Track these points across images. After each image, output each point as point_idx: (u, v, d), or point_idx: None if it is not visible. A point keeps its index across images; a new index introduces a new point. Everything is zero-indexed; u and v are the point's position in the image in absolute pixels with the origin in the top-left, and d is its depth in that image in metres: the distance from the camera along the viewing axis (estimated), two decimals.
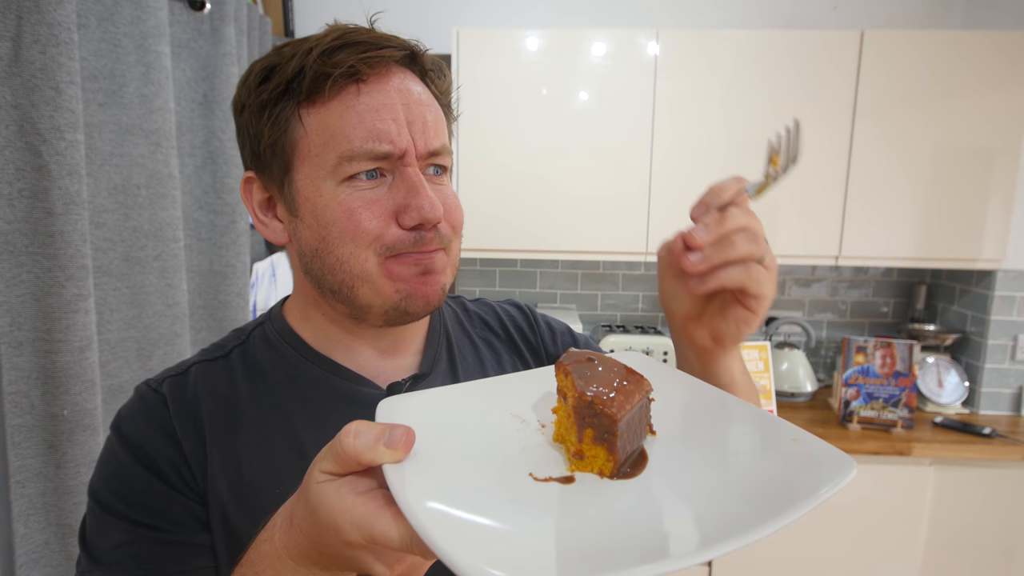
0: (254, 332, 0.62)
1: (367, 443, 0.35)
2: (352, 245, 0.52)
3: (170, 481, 0.53)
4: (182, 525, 0.53)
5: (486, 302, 0.75)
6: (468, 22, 2.15)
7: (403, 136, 0.52)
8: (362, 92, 0.51)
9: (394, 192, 0.52)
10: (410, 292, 0.54)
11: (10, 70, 1.03)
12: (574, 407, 0.41)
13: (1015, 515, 1.81)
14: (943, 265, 1.95)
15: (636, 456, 0.41)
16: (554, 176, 1.95)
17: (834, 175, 1.91)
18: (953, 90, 1.84)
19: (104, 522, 0.53)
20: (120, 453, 0.54)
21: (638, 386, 0.42)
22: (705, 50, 1.88)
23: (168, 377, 0.58)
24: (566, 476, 0.39)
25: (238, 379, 0.58)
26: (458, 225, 0.57)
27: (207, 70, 1.49)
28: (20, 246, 1.06)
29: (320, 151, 0.52)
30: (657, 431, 0.44)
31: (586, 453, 0.40)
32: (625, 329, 2.29)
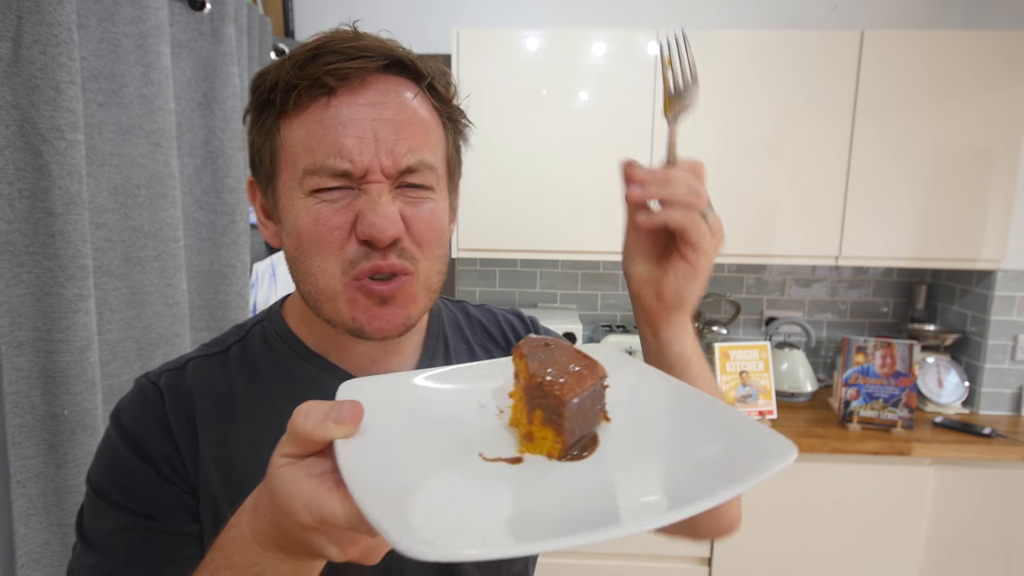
0: (253, 329, 0.63)
1: (316, 420, 0.36)
2: (319, 257, 0.52)
3: (163, 472, 0.55)
4: (173, 515, 0.55)
5: (488, 309, 0.75)
6: (468, 22, 2.15)
7: (365, 155, 0.50)
8: (331, 105, 0.50)
9: (356, 203, 0.51)
10: (365, 323, 0.54)
11: (10, 70, 1.03)
12: (524, 388, 0.42)
13: (1015, 515, 1.81)
14: (943, 265, 1.95)
15: (588, 440, 0.41)
16: (554, 176, 1.95)
17: (834, 175, 1.91)
18: (953, 90, 1.84)
19: (100, 509, 0.55)
20: (117, 443, 0.56)
21: (591, 371, 0.42)
22: (705, 50, 1.88)
23: (166, 371, 0.59)
24: (515, 457, 0.40)
25: (234, 375, 0.59)
26: (427, 244, 0.54)
27: (207, 70, 1.49)
28: (20, 246, 1.06)
29: (292, 162, 0.52)
30: (612, 418, 0.44)
31: (536, 435, 0.41)
32: (625, 329, 2.29)
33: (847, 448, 1.78)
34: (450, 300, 0.74)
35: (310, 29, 2.12)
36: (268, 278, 1.79)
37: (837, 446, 1.79)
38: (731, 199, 1.93)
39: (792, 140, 1.90)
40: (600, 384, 0.43)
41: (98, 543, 0.54)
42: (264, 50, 1.81)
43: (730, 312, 2.36)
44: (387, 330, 0.54)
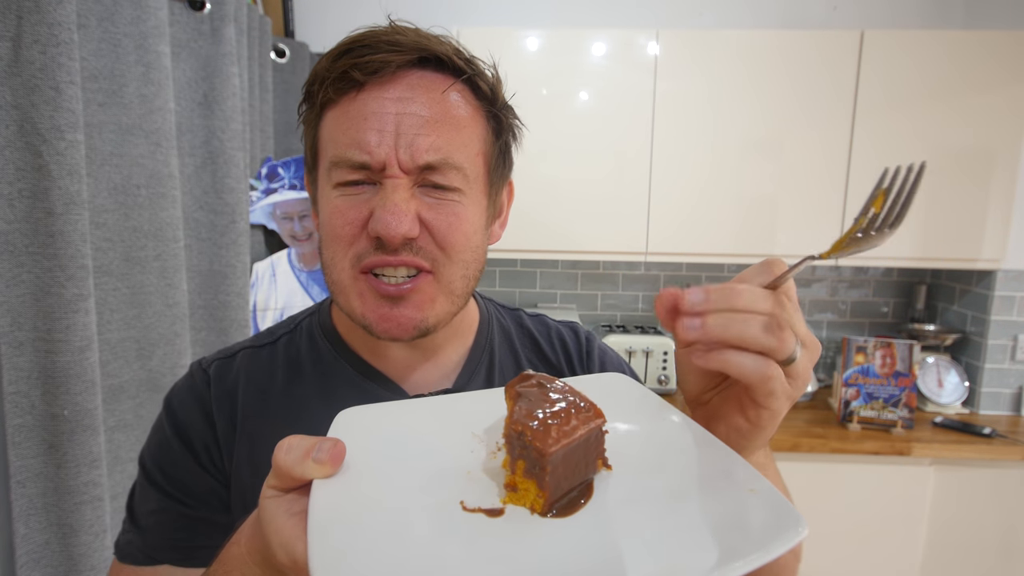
0: (303, 322, 0.64)
1: (296, 458, 0.35)
2: (332, 249, 0.53)
3: (201, 460, 0.56)
4: (206, 503, 0.56)
5: (544, 321, 0.70)
6: (468, 22, 2.15)
7: (383, 147, 0.49)
8: (358, 99, 0.50)
9: (373, 199, 0.51)
10: (373, 322, 0.53)
11: (10, 70, 1.03)
12: (506, 436, 0.39)
13: (1015, 515, 1.81)
14: (943, 265, 1.94)
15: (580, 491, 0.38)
16: (554, 176, 1.95)
17: (834, 175, 1.91)
18: (953, 90, 1.84)
19: (145, 489, 0.57)
20: (165, 426, 0.58)
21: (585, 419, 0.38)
22: (705, 50, 1.88)
23: (217, 359, 0.60)
24: (496, 509, 0.37)
25: (278, 369, 0.60)
26: (451, 246, 0.52)
27: (207, 70, 1.49)
28: (20, 246, 1.06)
29: (324, 154, 0.53)
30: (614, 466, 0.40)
31: (519, 485, 0.38)
32: (625, 329, 2.29)
33: (847, 448, 1.78)
34: (507, 307, 0.71)
35: (310, 29, 2.12)
36: (268, 278, 1.79)
37: (837, 446, 1.79)
38: (731, 199, 1.93)
39: (792, 140, 1.90)
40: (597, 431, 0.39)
41: (140, 521, 0.57)
42: (264, 50, 1.81)
43: None
44: (395, 332, 0.52)
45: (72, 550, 1.12)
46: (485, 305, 0.68)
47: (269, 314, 1.78)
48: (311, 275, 1.86)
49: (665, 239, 1.97)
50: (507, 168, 0.60)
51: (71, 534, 1.12)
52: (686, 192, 1.93)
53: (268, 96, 1.84)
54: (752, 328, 0.37)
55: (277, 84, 1.95)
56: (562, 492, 0.37)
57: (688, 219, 1.95)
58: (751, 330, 0.37)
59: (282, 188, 1.82)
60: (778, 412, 0.40)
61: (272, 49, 1.90)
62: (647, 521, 0.35)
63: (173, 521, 0.56)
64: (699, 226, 1.96)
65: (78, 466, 1.12)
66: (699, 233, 1.96)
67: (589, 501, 0.37)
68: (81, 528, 1.13)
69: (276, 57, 1.93)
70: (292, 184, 1.83)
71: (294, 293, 1.82)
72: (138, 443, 1.33)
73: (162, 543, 0.56)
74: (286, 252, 1.83)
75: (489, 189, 0.57)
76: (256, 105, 1.76)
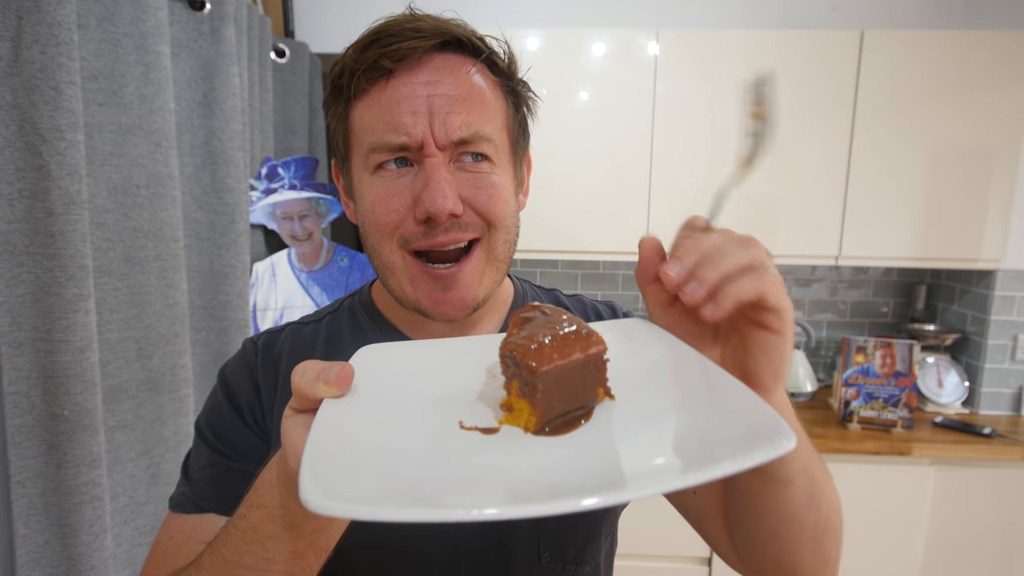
0: (345, 302, 0.69)
1: (309, 379, 0.38)
2: (378, 235, 0.56)
3: (246, 419, 0.61)
4: (249, 458, 0.60)
5: (580, 299, 0.74)
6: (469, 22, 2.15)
7: (419, 127, 0.52)
8: (388, 86, 0.53)
9: (414, 184, 0.54)
10: (428, 306, 0.56)
11: (10, 70, 1.03)
12: (501, 355, 0.39)
13: (1015, 515, 1.81)
14: (943, 265, 1.94)
15: (575, 418, 0.38)
16: (554, 176, 1.95)
17: (834, 175, 1.91)
18: (953, 90, 1.84)
19: (199, 447, 0.63)
20: (218, 391, 0.64)
21: (583, 342, 0.38)
22: (705, 50, 1.88)
23: (267, 333, 0.66)
24: (490, 427, 0.38)
25: (319, 342, 0.65)
26: (494, 216, 0.56)
27: (207, 70, 1.49)
28: (20, 246, 1.06)
29: (359, 143, 0.56)
30: (618, 395, 0.40)
31: (514, 405, 0.38)
32: None
33: (847, 448, 1.78)
34: (542, 287, 0.74)
35: (310, 29, 2.12)
36: (268, 278, 1.79)
37: (837, 446, 1.79)
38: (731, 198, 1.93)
39: (792, 140, 1.90)
40: (596, 358, 0.39)
41: (192, 475, 0.62)
42: (264, 50, 1.81)
43: None
44: (451, 313, 0.56)
45: (72, 550, 1.12)
46: (519, 283, 0.72)
47: (269, 314, 1.78)
48: (311, 275, 1.86)
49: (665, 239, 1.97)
50: (526, 139, 0.64)
51: (71, 534, 1.12)
52: (686, 192, 1.93)
53: (268, 96, 1.84)
54: (731, 254, 0.39)
55: (277, 84, 1.95)
56: (556, 413, 0.37)
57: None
58: (731, 256, 0.39)
59: (282, 188, 1.82)
60: (789, 310, 0.41)
61: (272, 49, 1.90)
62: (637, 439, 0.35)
63: (221, 474, 0.60)
64: None
65: (78, 466, 1.12)
66: None
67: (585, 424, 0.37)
68: (81, 528, 1.13)
69: (276, 57, 1.93)
70: (292, 184, 1.83)
71: (294, 293, 1.82)
72: (138, 443, 1.33)
73: (210, 493, 0.60)
74: (286, 252, 1.83)
75: (514, 159, 0.61)
76: (256, 105, 1.76)
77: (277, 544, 0.42)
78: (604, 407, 0.39)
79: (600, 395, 0.40)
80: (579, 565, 0.62)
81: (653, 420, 0.37)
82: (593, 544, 0.63)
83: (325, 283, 1.87)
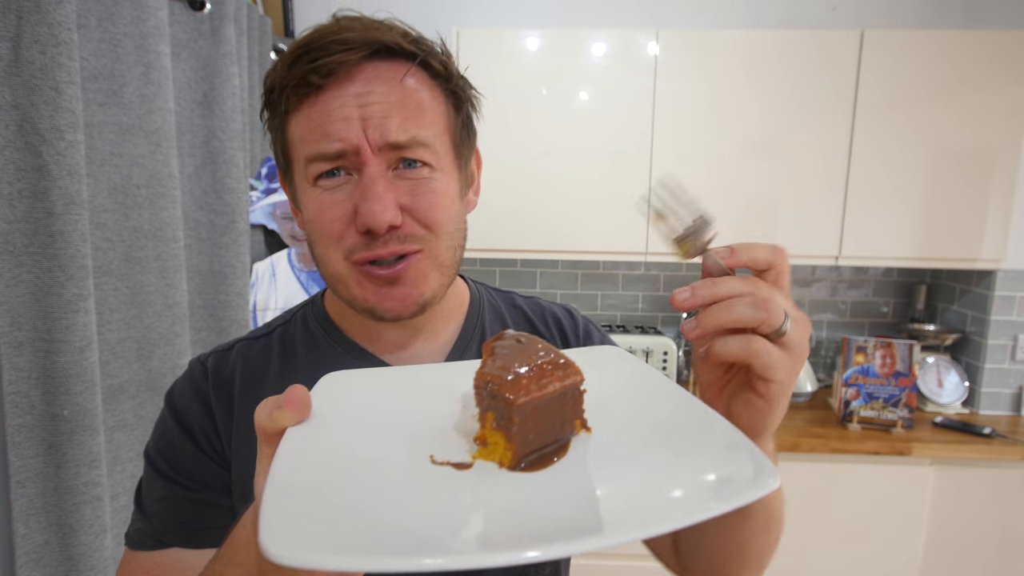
0: (297, 314, 0.67)
1: (266, 412, 0.37)
2: (323, 245, 0.55)
3: (201, 445, 0.59)
4: (209, 487, 0.58)
5: (537, 301, 0.73)
6: (468, 22, 2.15)
7: (353, 132, 0.51)
8: (319, 99, 0.52)
9: (353, 194, 0.53)
10: (375, 304, 0.55)
11: (10, 70, 1.03)
12: (475, 386, 0.38)
13: (1015, 515, 1.81)
14: (943, 265, 1.95)
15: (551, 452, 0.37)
16: (554, 176, 1.95)
17: (834, 175, 1.91)
18: (953, 90, 1.84)
19: (151, 478, 0.60)
20: (167, 417, 0.61)
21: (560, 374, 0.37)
22: (705, 50, 1.88)
23: (215, 352, 0.64)
24: (463, 462, 0.36)
25: (273, 357, 0.63)
26: (435, 223, 0.55)
27: (207, 70, 1.49)
28: (20, 246, 1.06)
29: (297, 155, 0.55)
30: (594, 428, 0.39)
31: (488, 439, 0.37)
32: (625, 329, 2.29)
33: (847, 448, 1.78)
34: (497, 290, 0.73)
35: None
36: (268, 278, 1.79)
37: (837, 446, 1.79)
38: (731, 199, 1.93)
39: (792, 140, 1.90)
40: (573, 388, 0.38)
41: (148, 508, 0.59)
42: (264, 50, 1.81)
43: None
44: (399, 310, 0.55)
45: (72, 550, 1.12)
46: (476, 287, 0.71)
47: (269, 314, 1.78)
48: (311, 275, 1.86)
49: None
50: (472, 138, 0.62)
51: (71, 534, 1.12)
52: None
53: None
54: (737, 308, 0.39)
55: None
56: (533, 448, 0.36)
57: None
58: (737, 310, 0.39)
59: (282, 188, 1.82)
60: (784, 383, 0.42)
61: (272, 49, 1.90)
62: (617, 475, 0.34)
63: (178, 506, 0.58)
64: None
65: (78, 466, 1.12)
66: None
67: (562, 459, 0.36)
68: (81, 528, 1.13)
69: (276, 57, 1.93)
70: None
71: (294, 293, 1.82)
72: (138, 443, 1.33)
73: (169, 527, 0.58)
74: (286, 252, 1.83)
75: (459, 161, 0.59)
76: (256, 105, 1.75)
77: None
78: (580, 440, 0.38)
79: (577, 427, 0.39)
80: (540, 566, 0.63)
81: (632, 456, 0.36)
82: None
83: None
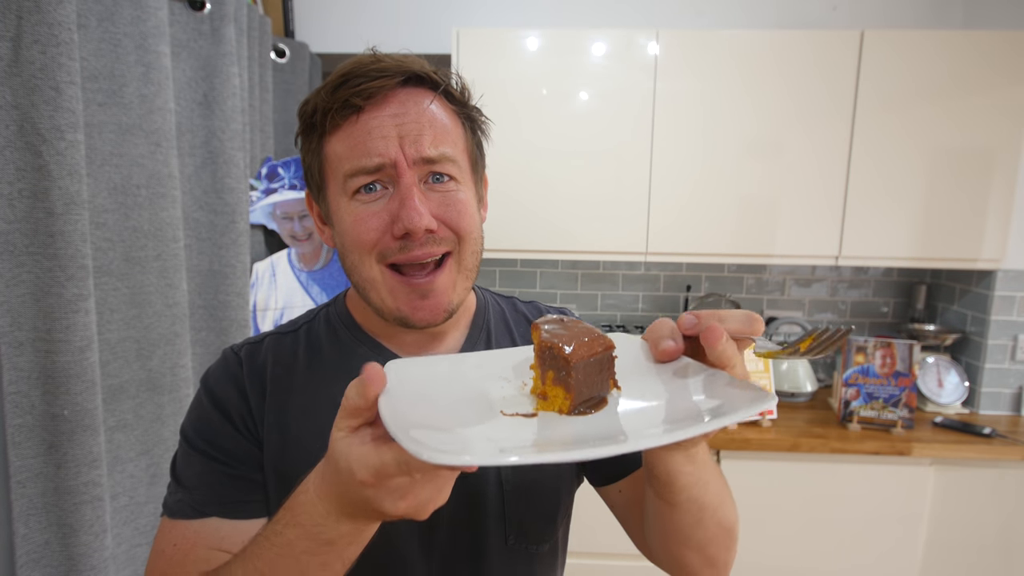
0: (320, 313, 0.74)
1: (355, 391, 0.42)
2: (358, 253, 0.62)
3: (237, 427, 0.65)
4: (244, 463, 0.65)
5: (536, 305, 0.81)
6: (468, 22, 2.15)
7: (391, 148, 0.59)
8: (360, 120, 0.60)
9: (390, 204, 0.60)
10: (407, 314, 0.62)
11: (10, 70, 1.03)
12: (537, 353, 0.48)
13: (1015, 515, 1.81)
14: (943, 265, 1.95)
15: (596, 401, 0.47)
16: (554, 176, 1.95)
17: (834, 175, 1.91)
18: (953, 90, 1.84)
19: (189, 455, 0.66)
20: (204, 401, 0.67)
21: (599, 342, 0.48)
22: (705, 50, 1.88)
23: (247, 344, 0.71)
24: (530, 413, 0.46)
25: (300, 351, 0.70)
26: (463, 230, 0.62)
27: (207, 70, 1.49)
28: (20, 246, 1.06)
29: (335, 172, 0.62)
30: (623, 387, 0.49)
31: (548, 393, 0.47)
32: (625, 329, 2.29)
33: (847, 448, 1.78)
34: (500, 295, 0.81)
35: (310, 29, 2.12)
36: (268, 278, 1.79)
37: (837, 446, 1.79)
38: (731, 199, 1.93)
39: (792, 140, 1.90)
40: (608, 354, 0.48)
41: (187, 482, 0.65)
42: (264, 50, 1.81)
43: None
44: (430, 319, 0.63)
45: (72, 550, 1.13)
46: (481, 293, 0.79)
47: (269, 314, 1.78)
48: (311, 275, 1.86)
49: (665, 239, 1.97)
50: (483, 160, 0.71)
51: (71, 534, 1.12)
52: (686, 192, 1.93)
53: (268, 96, 1.84)
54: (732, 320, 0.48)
55: (277, 84, 1.95)
56: (583, 398, 0.46)
57: (688, 219, 1.95)
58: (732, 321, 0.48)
59: (282, 188, 1.82)
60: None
61: (272, 49, 1.90)
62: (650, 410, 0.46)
63: (218, 480, 0.64)
64: (699, 226, 1.96)
65: (78, 466, 1.12)
66: (699, 233, 1.96)
67: (605, 406, 0.47)
68: (81, 528, 1.13)
69: (276, 57, 1.93)
70: (292, 184, 1.83)
71: (294, 293, 1.82)
72: (138, 443, 1.33)
73: (209, 498, 0.64)
74: (286, 252, 1.83)
75: (474, 177, 0.68)
76: (256, 105, 1.76)
77: (311, 558, 0.47)
78: (614, 395, 0.49)
79: (611, 385, 0.49)
80: (540, 544, 0.71)
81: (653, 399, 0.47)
82: (551, 525, 0.72)
83: (325, 283, 1.87)
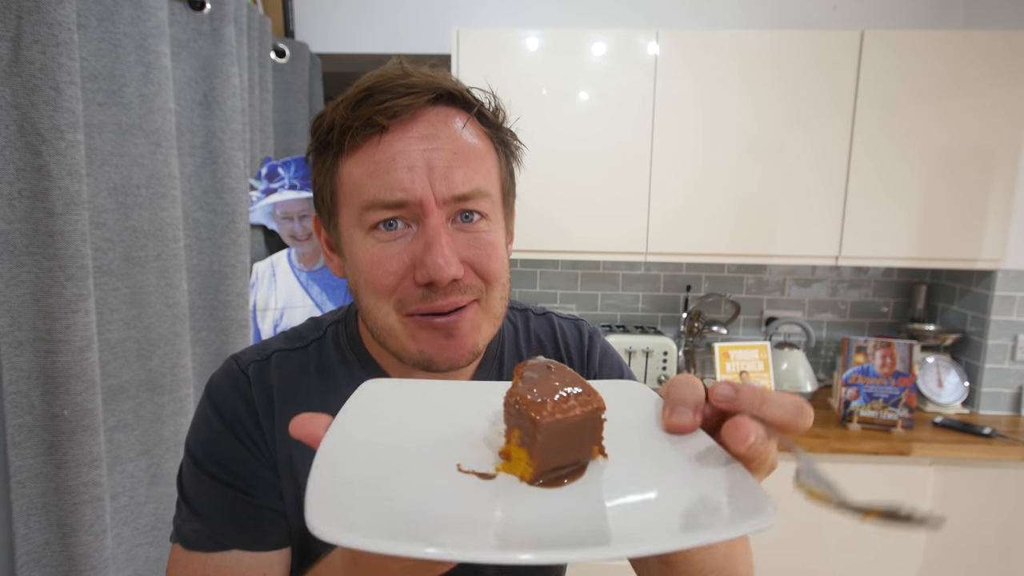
0: (329, 329, 0.66)
1: None
2: (373, 297, 0.54)
3: (254, 452, 0.59)
4: (264, 492, 0.59)
5: (549, 318, 0.73)
6: (468, 22, 2.15)
7: (417, 184, 0.51)
8: (383, 142, 0.51)
9: (413, 246, 0.52)
10: (432, 355, 0.55)
11: (10, 70, 1.03)
12: (504, 405, 0.41)
13: (1015, 515, 1.81)
14: (943, 265, 1.94)
15: (571, 470, 0.40)
16: (554, 176, 1.95)
17: (834, 175, 1.91)
18: (953, 90, 1.84)
19: (199, 478, 0.59)
20: (214, 421, 0.60)
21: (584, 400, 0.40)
22: (705, 50, 1.88)
23: (254, 361, 0.63)
24: (487, 473, 0.39)
25: (311, 372, 0.63)
26: (492, 276, 0.55)
27: (207, 70, 1.49)
28: (20, 246, 1.06)
29: (350, 199, 0.54)
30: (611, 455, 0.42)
31: (512, 454, 0.40)
32: (625, 329, 2.29)
33: (847, 448, 1.78)
34: (516, 307, 0.72)
35: (310, 29, 2.12)
36: (268, 278, 1.79)
37: (837, 446, 1.78)
38: (731, 199, 1.93)
39: (792, 140, 1.90)
40: (595, 416, 0.40)
41: (201, 509, 0.58)
42: (264, 50, 1.81)
43: (730, 312, 2.36)
44: (455, 360, 0.55)
45: (72, 550, 1.13)
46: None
47: (269, 314, 1.78)
48: (311, 275, 1.86)
49: (665, 239, 1.97)
50: (514, 190, 0.63)
51: (71, 534, 1.12)
52: (686, 192, 1.93)
53: (268, 96, 1.84)
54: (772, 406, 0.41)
55: (277, 84, 1.95)
56: (552, 466, 0.39)
57: (688, 219, 1.95)
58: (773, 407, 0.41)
59: (282, 188, 1.82)
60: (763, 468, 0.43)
61: (272, 49, 1.90)
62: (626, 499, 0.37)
63: (236, 508, 0.58)
64: (699, 226, 1.96)
65: (78, 466, 1.12)
66: (699, 233, 1.96)
67: (578, 480, 0.39)
68: (81, 528, 1.13)
69: (276, 57, 1.93)
70: (292, 184, 1.83)
71: (294, 293, 1.82)
72: (138, 443, 1.33)
73: (229, 528, 0.58)
74: (286, 252, 1.83)
75: (505, 210, 0.60)
76: (256, 105, 1.76)
77: None
78: (597, 464, 0.41)
79: (595, 452, 0.42)
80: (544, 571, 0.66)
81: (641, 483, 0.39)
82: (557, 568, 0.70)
83: (325, 283, 1.87)
